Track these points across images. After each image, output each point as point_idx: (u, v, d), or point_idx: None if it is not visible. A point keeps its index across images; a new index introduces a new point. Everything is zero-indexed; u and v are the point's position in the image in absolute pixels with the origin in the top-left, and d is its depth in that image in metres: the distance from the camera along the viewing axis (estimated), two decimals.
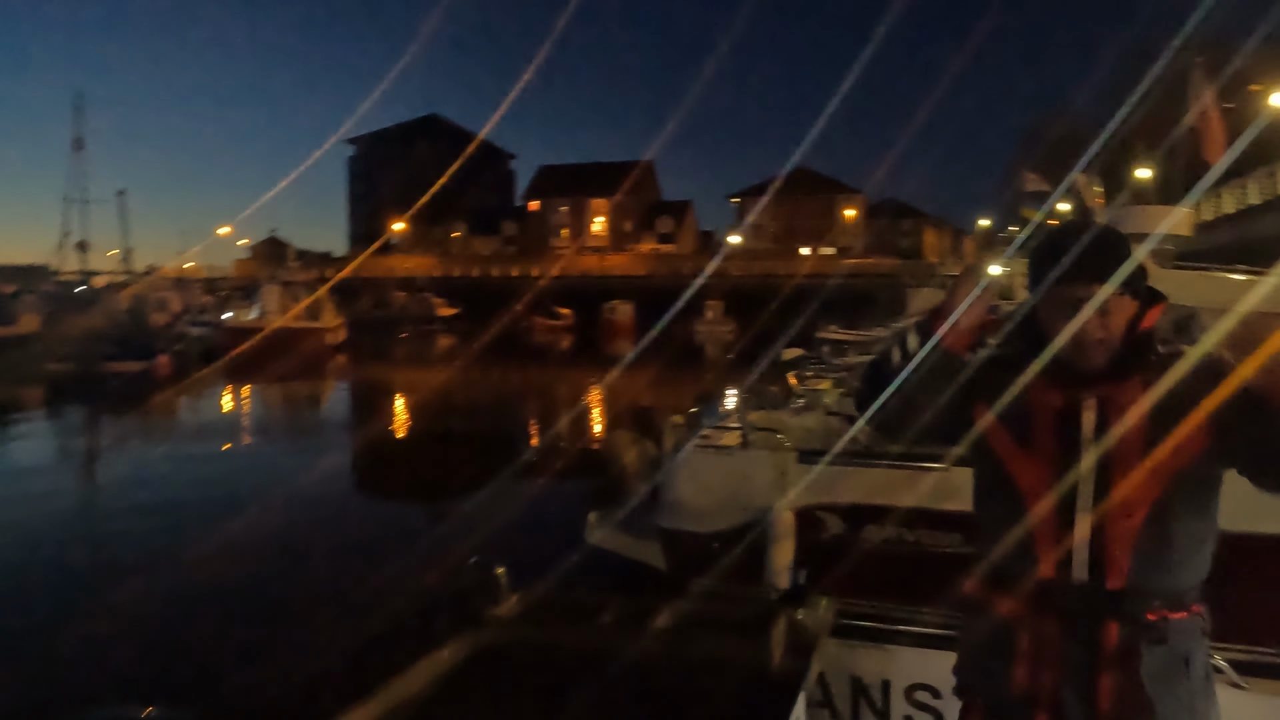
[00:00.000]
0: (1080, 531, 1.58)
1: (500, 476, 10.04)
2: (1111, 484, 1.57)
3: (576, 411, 18.73)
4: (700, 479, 5.64)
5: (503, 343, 33.54)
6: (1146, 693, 1.56)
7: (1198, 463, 1.56)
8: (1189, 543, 1.61)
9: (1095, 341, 1.59)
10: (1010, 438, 1.67)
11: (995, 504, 1.69)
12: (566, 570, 5.97)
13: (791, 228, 74.91)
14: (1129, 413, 1.58)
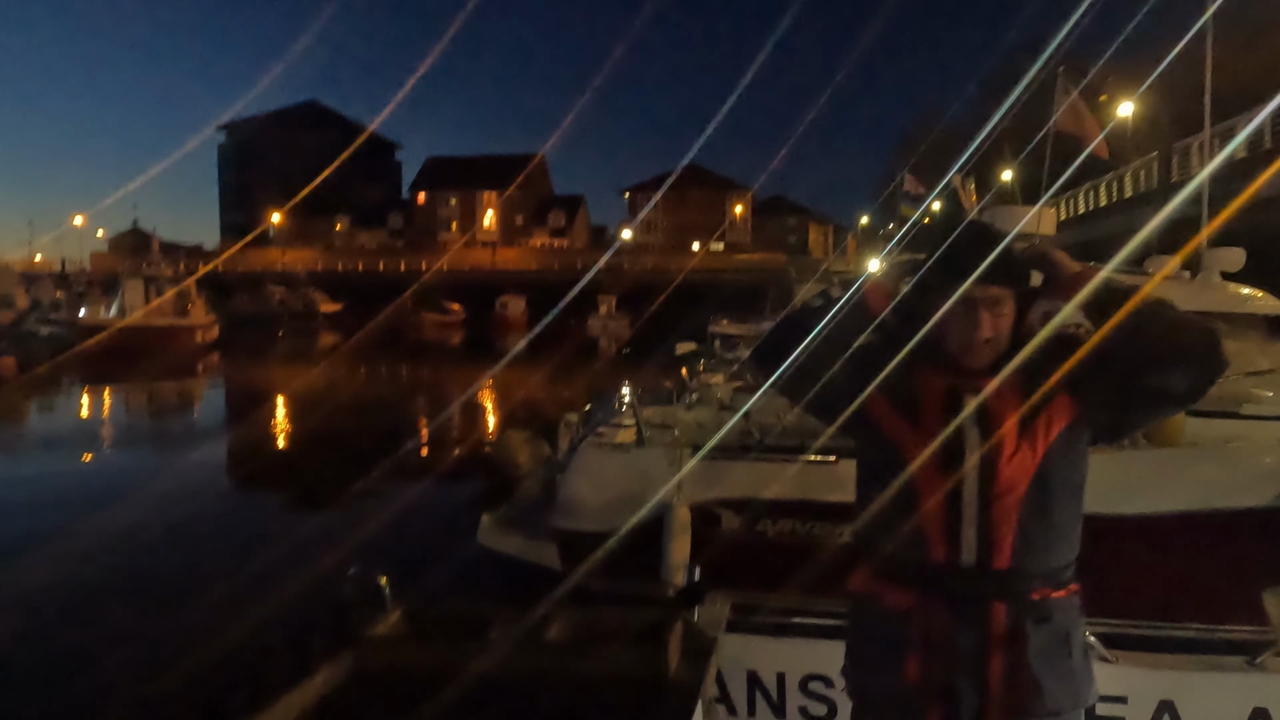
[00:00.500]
0: (968, 513, 1.62)
1: (388, 479, 9.64)
2: (995, 464, 1.63)
3: (468, 410, 18.28)
4: (595, 477, 5.55)
5: (390, 339, 32.45)
6: (1033, 673, 1.60)
7: (1067, 435, 1.65)
8: (1065, 520, 1.67)
9: (984, 342, 1.65)
10: (900, 419, 1.70)
11: (884, 488, 1.70)
12: (457, 575, 5.79)
13: (683, 223, 75.99)
14: (1008, 393, 1.65)
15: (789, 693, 2.43)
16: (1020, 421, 1.64)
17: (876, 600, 1.72)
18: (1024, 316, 1.70)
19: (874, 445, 1.75)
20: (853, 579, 1.80)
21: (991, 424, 1.64)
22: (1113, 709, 2.29)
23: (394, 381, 25.54)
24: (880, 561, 1.73)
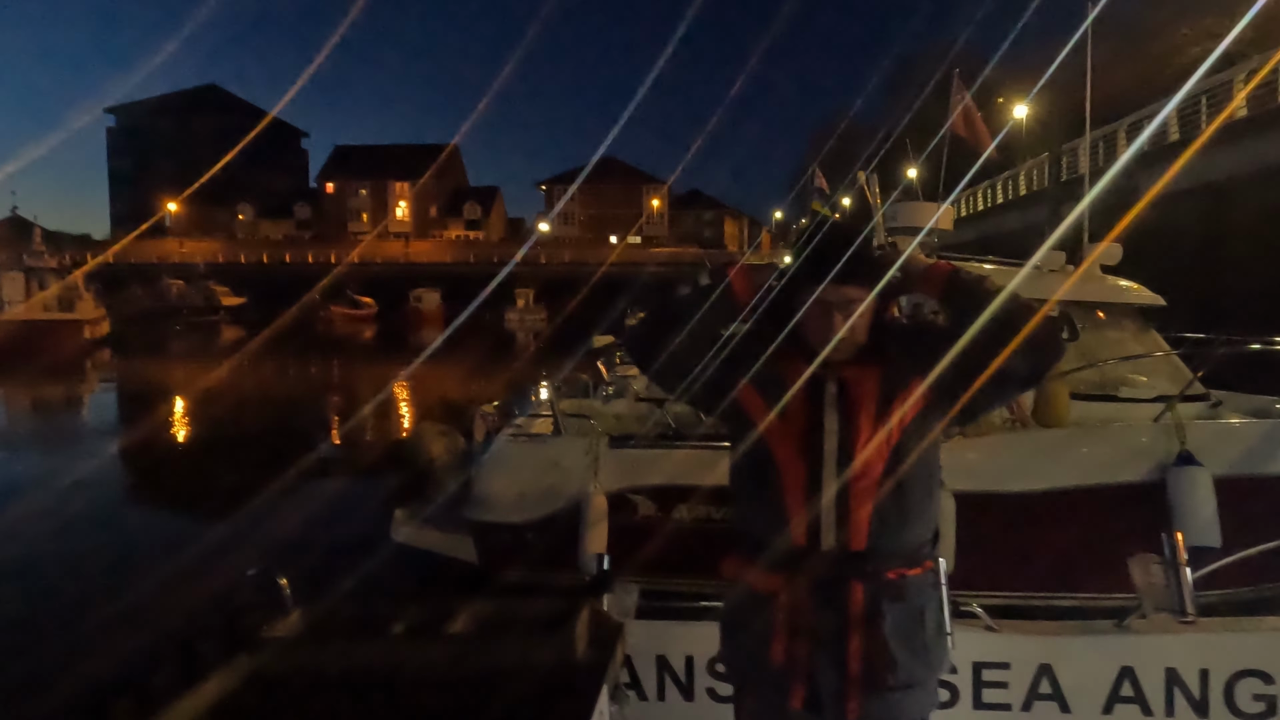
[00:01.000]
0: (827, 498, 1.71)
1: (296, 479, 9.32)
2: (852, 450, 1.72)
3: (381, 405, 17.84)
4: (512, 469, 5.53)
5: (298, 334, 31.27)
6: (890, 649, 1.69)
7: (921, 419, 1.76)
8: (920, 501, 1.76)
9: (839, 339, 1.75)
10: (766, 407, 1.78)
11: (751, 475, 1.79)
12: (370, 574, 5.66)
13: (600, 216, 75.91)
14: (865, 381, 1.77)
15: (697, 675, 2.47)
16: (876, 408, 1.74)
17: (745, 584, 1.80)
18: (886, 309, 1.82)
19: (743, 434, 1.81)
20: (725, 564, 1.86)
21: (850, 411, 1.74)
22: (997, 674, 2.42)
23: (302, 379, 24.66)
24: (748, 547, 1.80)
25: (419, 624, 1.97)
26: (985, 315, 1.69)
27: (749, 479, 1.81)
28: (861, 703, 1.69)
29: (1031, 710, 2.41)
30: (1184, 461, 5.09)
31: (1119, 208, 3.47)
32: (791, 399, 1.77)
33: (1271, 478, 5.25)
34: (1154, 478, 5.11)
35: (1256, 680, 2.31)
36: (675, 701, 2.48)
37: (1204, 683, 2.35)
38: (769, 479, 1.75)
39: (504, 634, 1.93)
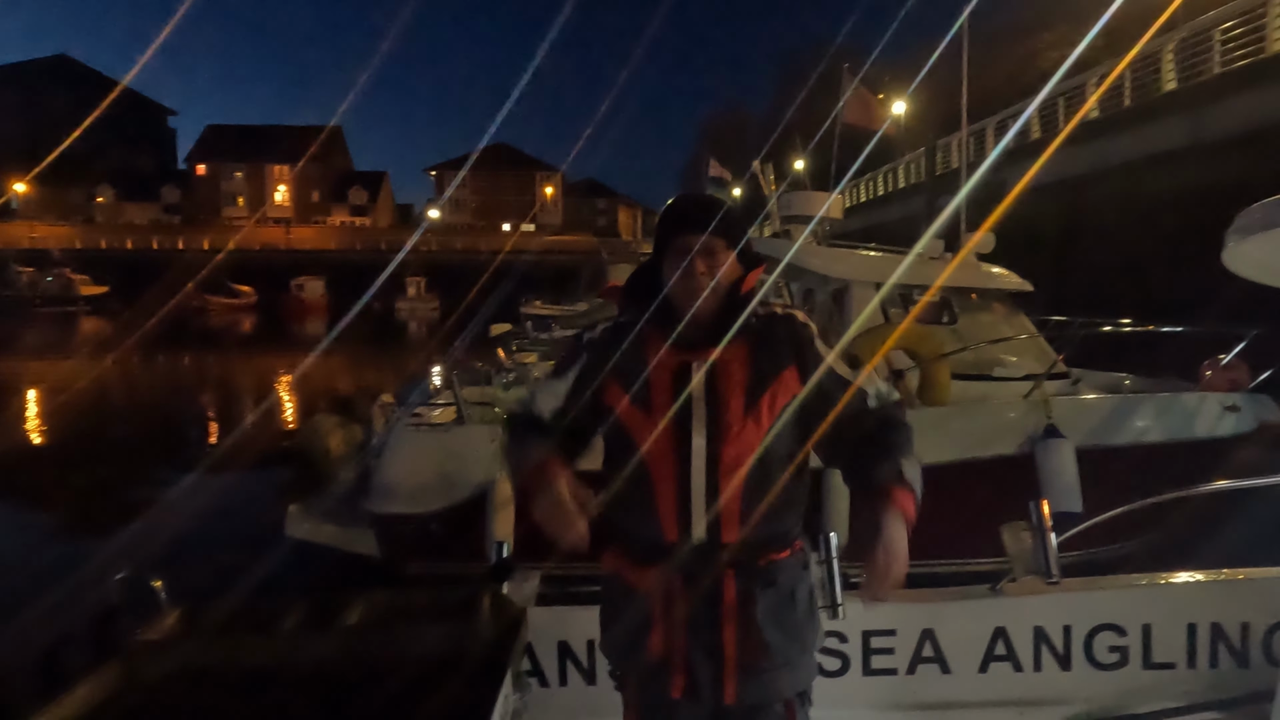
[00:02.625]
0: (698, 488, 1.69)
1: (174, 479, 8.83)
2: (721, 442, 1.69)
3: (265, 399, 17.03)
4: (415, 458, 5.42)
5: (169, 325, 29.35)
6: (763, 634, 1.71)
7: (787, 409, 1.74)
8: (789, 486, 1.74)
9: (702, 289, 1.71)
10: (632, 402, 1.74)
11: (620, 470, 1.73)
12: (261, 571, 5.43)
13: (492, 203, 74.64)
14: (733, 369, 1.73)
15: (599, 659, 2.47)
16: (745, 394, 1.71)
17: (622, 579, 1.79)
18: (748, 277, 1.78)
19: (612, 429, 1.77)
20: (604, 558, 1.84)
21: (718, 398, 1.70)
22: (885, 641, 2.55)
23: (175, 373, 23.20)
24: (623, 541, 1.79)
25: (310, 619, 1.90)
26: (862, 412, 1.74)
27: (618, 476, 1.75)
28: (738, 686, 1.71)
29: (916, 673, 2.53)
30: (1050, 435, 5.54)
31: (990, 200, 3.73)
32: (656, 388, 1.72)
33: (1123, 446, 5.78)
34: (1024, 450, 5.53)
35: (1112, 633, 2.52)
36: (577, 686, 2.48)
37: (1067, 638, 2.52)
38: (638, 474, 1.71)
39: (401, 625, 1.88)
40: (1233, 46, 15.14)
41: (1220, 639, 2.49)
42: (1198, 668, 2.50)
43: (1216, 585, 2.56)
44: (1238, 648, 2.49)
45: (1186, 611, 2.52)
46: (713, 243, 1.74)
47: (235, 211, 72.59)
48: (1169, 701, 2.41)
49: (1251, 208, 1.63)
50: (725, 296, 1.75)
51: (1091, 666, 2.52)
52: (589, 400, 1.78)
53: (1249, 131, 13.18)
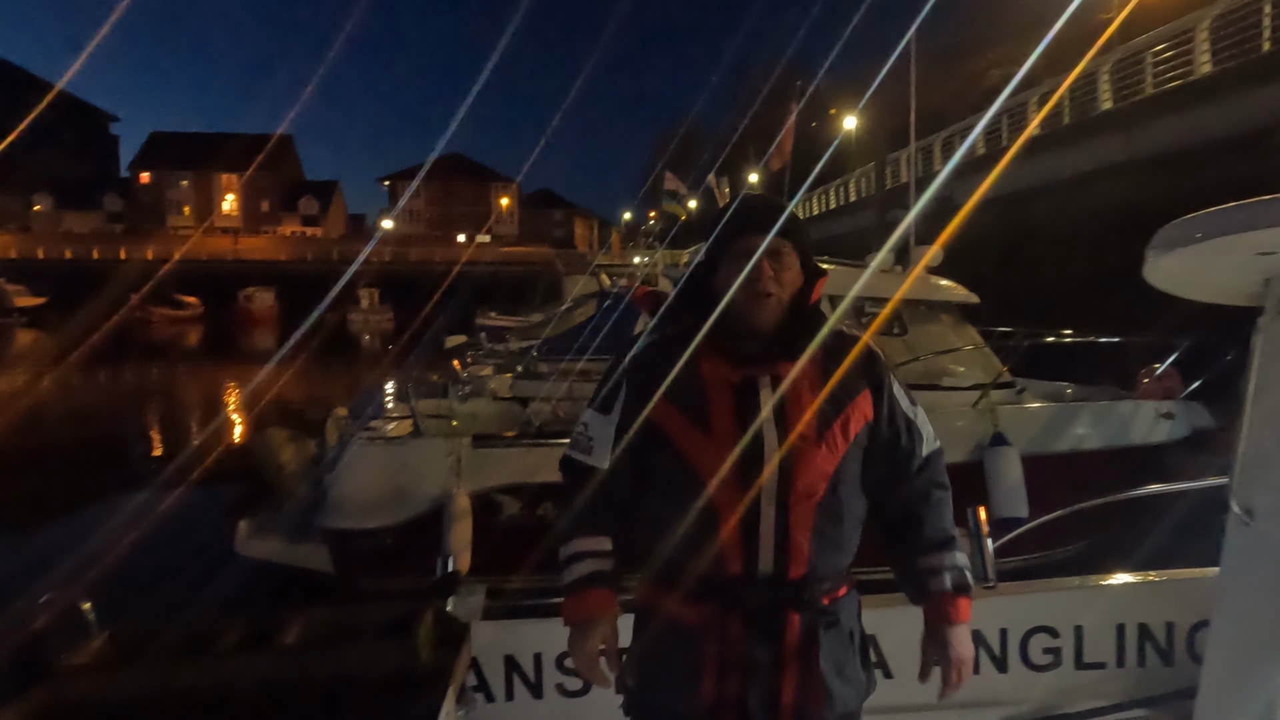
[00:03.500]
0: (766, 519, 1.53)
1: (115, 495, 8.55)
2: (794, 466, 1.54)
3: (213, 413, 16.61)
4: (369, 472, 5.35)
5: (110, 338, 28.46)
6: (824, 679, 1.56)
7: (865, 434, 1.63)
8: (855, 519, 1.63)
9: (767, 295, 1.58)
10: (689, 423, 1.57)
11: (676, 498, 1.56)
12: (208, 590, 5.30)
13: (447, 214, 74.04)
14: (804, 390, 1.57)
15: (546, 672, 2.43)
16: (820, 414, 1.56)
17: (669, 616, 1.59)
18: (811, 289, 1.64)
19: (669, 460, 1.58)
20: (639, 592, 1.67)
21: (789, 421, 1.55)
22: None
23: (117, 387, 22.50)
24: (672, 575, 1.58)
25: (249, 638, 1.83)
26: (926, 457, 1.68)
27: (673, 505, 1.56)
28: None
29: None
30: (997, 442, 5.71)
31: (938, 215, 3.85)
32: (717, 408, 1.56)
33: (1066, 453, 5.98)
34: (973, 458, 5.69)
35: (1046, 635, 2.59)
36: (524, 700, 2.43)
37: (1003, 641, 2.58)
38: (698, 503, 1.53)
39: (342, 643, 1.83)
40: (1164, 69, 15.82)
41: (1147, 638, 2.58)
42: (1126, 666, 2.58)
43: (1143, 586, 2.65)
44: (1163, 647, 2.58)
45: (1116, 612, 2.60)
46: (780, 244, 1.61)
47: (181, 221, 70.78)
48: (1099, 700, 2.49)
49: (1168, 226, 1.73)
50: (791, 306, 1.62)
51: (1027, 668, 2.57)
52: (641, 430, 1.60)
53: (1179, 150, 13.78)
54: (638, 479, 1.64)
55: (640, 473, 1.63)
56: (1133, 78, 16.70)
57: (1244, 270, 1.77)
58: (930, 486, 1.68)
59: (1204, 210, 1.67)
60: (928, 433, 1.70)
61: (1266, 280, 1.79)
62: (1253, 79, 12.69)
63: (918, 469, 1.68)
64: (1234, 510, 1.77)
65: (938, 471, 1.70)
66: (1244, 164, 11.29)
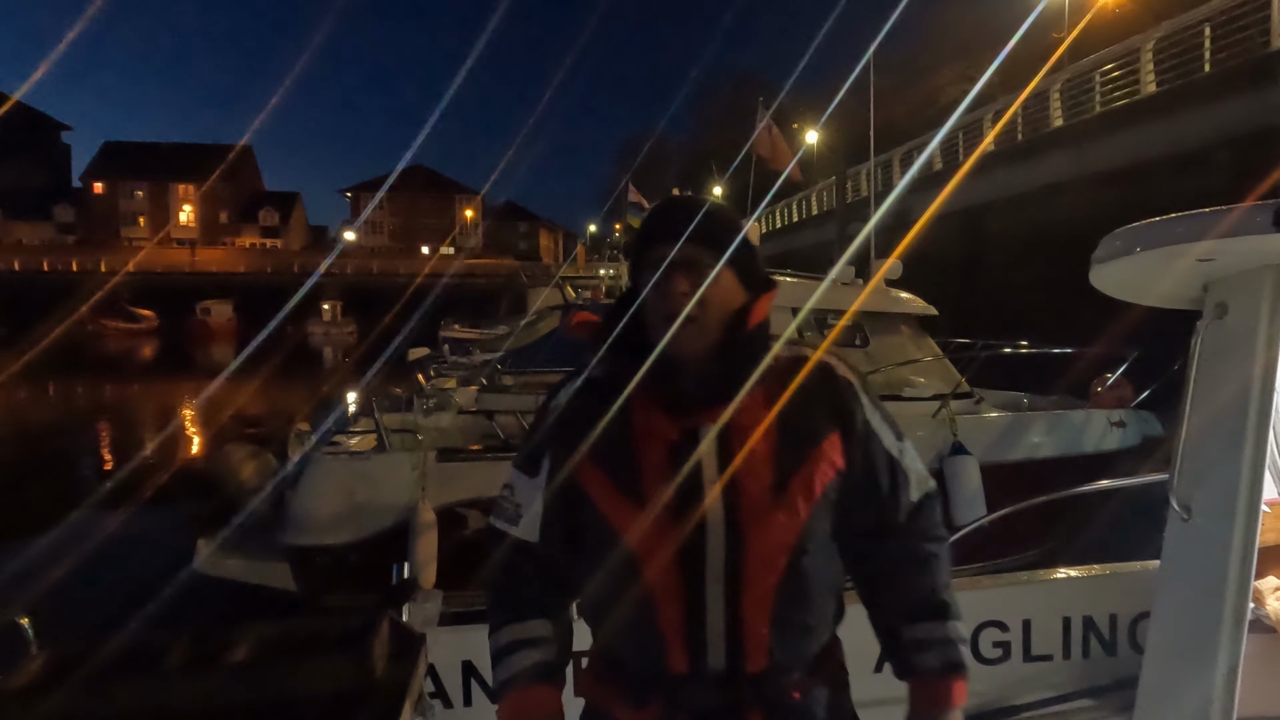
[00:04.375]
0: (714, 604, 1.24)
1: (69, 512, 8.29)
2: (744, 536, 1.24)
3: (169, 429, 16.24)
4: (333, 488, 5.29)
5: (62, 352, 27.71)
6: None
7: (837, 485, 1.30)
8: (828, 589, 1.33)
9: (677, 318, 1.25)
10: (615, 489, 1.28)
11: (609, 579, 1.29)
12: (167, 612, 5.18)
13: (410, 226, 73.50)
14: (753, 427, 1.26)
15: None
16: (775, 475, 1.25)
17: (608, 713, 1.34)
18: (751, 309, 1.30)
19: (598, 534, 1.30)
20: (581, 681, 1.43)
21: (737, 483, 1.24)
22: None
23: (69, 402, 21.91)
24: (612, 669, 1.34)
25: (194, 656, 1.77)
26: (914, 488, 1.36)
27: (606, 586, 1.30)
28: None
29: None
30: (957, 451, 5.83)
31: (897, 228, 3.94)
32: (649, 469, 1.26)
33: (1023, 461, 6.12)
34: (933, 466, 5.80)
35: (996, 629, 2.67)
36: (483, 706, 2.43)
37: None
38: (631, 587, 1.26)
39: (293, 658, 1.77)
40: (1111, 88, 16.36)
41: (1092, 630, 2.68)
42: (1072, 658, 2.67)
43: (1088, 580, 2.75)
44: (1107, 638, 2.68)
45: (1062, 606, 2.69)
46: (697, 254, 1.27)
47: (136, 232, 69.28)
48: (1047, 692, 2.56)
49: (1111, 235, 1.82)
50: (727, 331, 1.28)
51: (977, 662, 2.64)
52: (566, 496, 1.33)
53: (1126, 167, 14.24)
54: (575, 548, 1.36)
55: (575, 542, 1.35)
56: (1083, 96, 17.24)
57: (1184, 277, 1.87)
58: (920, 540, 1.36)
59: (1146, 221, 1.77)
60: (917, 472, 1.38)
61: (1205, 286, 1.88)
62: (1195, 99, 13.19)
63: (905, 519, 1.36)
64: (1173, 507, 1.84)
65: (930, 521, 1.38)
66: (1188, 180, 11.72)
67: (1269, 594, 2.20)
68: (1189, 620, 1.79)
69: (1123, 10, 18.06)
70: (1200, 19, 14.10)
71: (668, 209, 1.35)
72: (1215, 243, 1.62)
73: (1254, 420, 1.69)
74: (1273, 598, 2.20)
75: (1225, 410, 1.76)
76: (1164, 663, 1.87)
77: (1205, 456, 1.81)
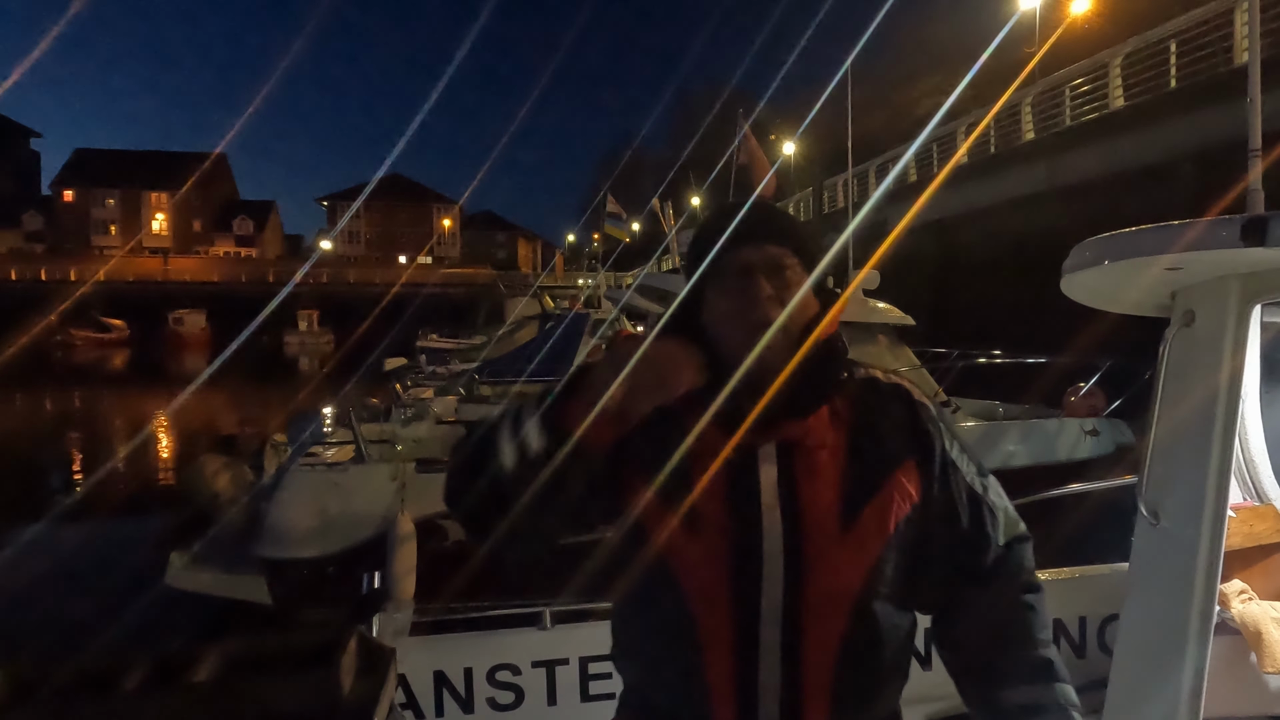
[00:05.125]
0: (769, 652, 1.09)
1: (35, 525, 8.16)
2: (806, 573, 1.10)
3: (140, 440, 15.98)
4: (311, 499, 5.24)
5: (29, 362, 27.22)
6: None
7: (915, 519, 1.15)
8: (897, 648, 1.17)
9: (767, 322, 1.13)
10: (664, 506, 1.13)
11: (647, 620, 1.15)
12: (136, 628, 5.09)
13: (388, 235, 73.11)
14: (823, 462, 1.13)
15: (476, 686, 2.42)
16: (843, 506, 1.11)
17: None
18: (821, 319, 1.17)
19: (636, 550, 1.15)
20: None
21: (801, 512, 1.10)
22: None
23: (38, 412, 21.50)
24: (644, 712, 1.19)
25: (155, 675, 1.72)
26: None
27: (644, 625, 1.16)
28: None
29: None
30: None
31: (873, 239, 4.00)
32: (707, 488, 1.11)
33: (1002, 470, 6.19)
34: None
35: None
36: (455, 716, 2.40)
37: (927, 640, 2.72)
38: (676, 627, 1.12)
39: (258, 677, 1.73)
40: (1081, 102, 16.69)
41: (1061, 632, 2.72)
42: None
43: (1058, 583, 2.78)
44: (1077, 640, 2.72)
45: None
46: (782, 257, 1.16)
47: (107, 240, 68.29)
48: None
49: (1082, 245, 1.87)
50: (800, 343, 1.15)
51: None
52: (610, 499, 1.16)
53: (1096, 179, 14.52)
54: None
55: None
56: (1053, 110, 17.56)
57: (1152, 285, 1.91)
58: (1013, 591, 1.19)
59: (1116, 232, 1.81)
60: (1006, 511, 1.22)
61: (1172, 294, 1.92)
62: (1162, 113, 13.49)
63: (994, 566, 1.20)
64: (1141, 512, 1.88)
65: (1023, 568, 1.22)
66: (1156, 192, 11.97)
67: (1234, 597, 2.25)
68: (1157, 623, 1.82)
69: (1091, 26, 18.46)
70: (1166, 35, 14.45)
71: (737, 210, 1.20)
72: (1182, 254, 1.66)
73: (1220, 426, 1.72)
74: (1238, 601, 2.25)
75: (1192, 416, 1.79)
76: (1132, 665, 1.90)
77: (1173, 462, 1.84)
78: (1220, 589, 1.87)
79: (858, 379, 1.21)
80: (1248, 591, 2.28)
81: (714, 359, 1.12)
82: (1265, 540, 2.36)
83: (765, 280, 1.15)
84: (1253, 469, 2.43)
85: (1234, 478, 1.88)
